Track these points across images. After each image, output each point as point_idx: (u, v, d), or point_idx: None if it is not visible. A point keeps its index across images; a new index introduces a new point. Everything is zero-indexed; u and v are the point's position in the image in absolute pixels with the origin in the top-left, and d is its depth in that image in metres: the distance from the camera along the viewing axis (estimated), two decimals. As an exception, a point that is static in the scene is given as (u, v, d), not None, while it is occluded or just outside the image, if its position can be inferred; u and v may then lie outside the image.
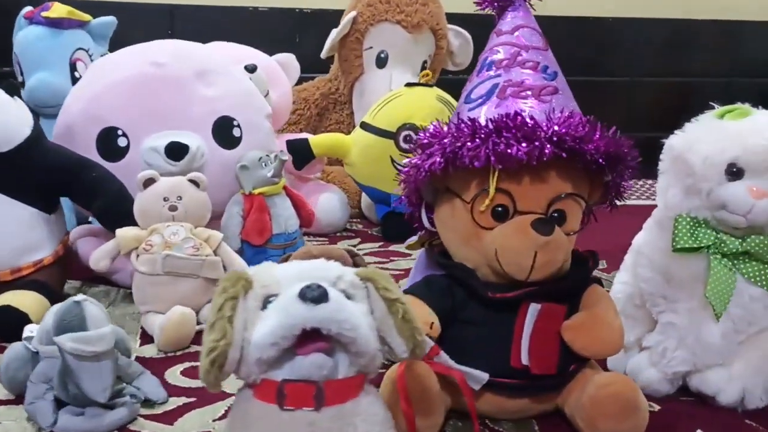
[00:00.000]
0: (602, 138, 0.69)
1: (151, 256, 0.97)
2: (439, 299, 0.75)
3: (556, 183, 0.71)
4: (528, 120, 0.68)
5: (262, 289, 0.53)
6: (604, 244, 1.40)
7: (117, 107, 1.09)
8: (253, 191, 1.12)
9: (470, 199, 0.72)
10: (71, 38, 1.39)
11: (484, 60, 0.78)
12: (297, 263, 0.55)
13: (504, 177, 0.70)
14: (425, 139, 0.73)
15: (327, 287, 0.51)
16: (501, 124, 0.68)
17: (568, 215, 0.73)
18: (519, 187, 0.71)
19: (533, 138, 0.67)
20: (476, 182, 0.72)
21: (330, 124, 1.81)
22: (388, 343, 0.54)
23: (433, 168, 0.71)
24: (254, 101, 1.20)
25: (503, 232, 0.71)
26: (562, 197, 0.71)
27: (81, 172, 1.03)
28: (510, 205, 0.71)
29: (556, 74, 0.75)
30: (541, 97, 0.73)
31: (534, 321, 0.72)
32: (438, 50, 1.74)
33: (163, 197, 1.00)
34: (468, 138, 0.69)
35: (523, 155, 0.67)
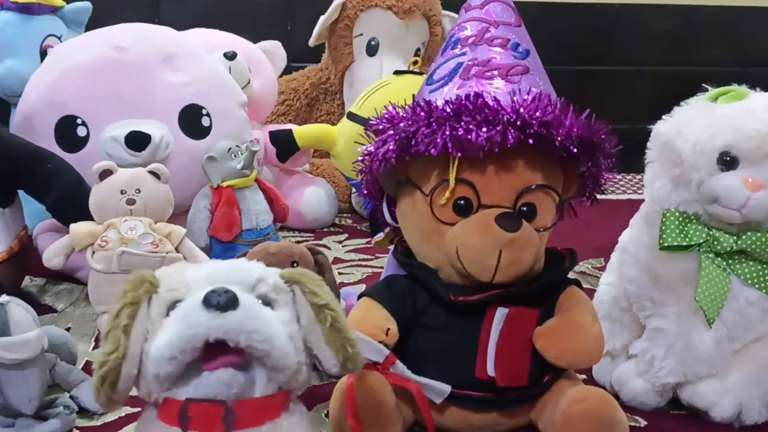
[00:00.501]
0: (574, 123, 0.62)
1: (107, 252, 0.91)
2: (398, 302, 0.68)
3: (524, 173, 0.64)
4: (490, 102, 0.61)
5: (169, 294, 0.46)
6: (601, 240, 1.33)
7: (76, 94, 1.03)
8: (222, 184, 1.05)
9: (429, 191, 0.65)
10: (42, 24, 1.33)
11: (451, 37, 0.71)
12: (212, 264, 0.49)
13: (466, 166, 0.63)
14: (379, 124, 0.66)
15: (238, 292, 0.44)
16: (460, 106, 0.61)
17: (538, 209, 0.65)
18: (483, 178, 0.63)
19: (496, 122, 0.60)
20: (436, 172, 0.65)
21: (320, 115, 1.74)
22: (316, 355, 0.47)
23: (387, 156, 0.64)
24: (226, 88, 1.13)
25: (464, 228, 0.64)
26: (531, 189, 0.64)
27: (35, 163, 0.97)
28: (473, 198, 0.64)
29: (528, 52, 0.68)
30: (509, 77, 0.65)
31: (501, 327, 0.65)
32: (432, 37, 1.67)
33: (120, 190, 0.93)
34: (423, 122, 0.62)
35: (484, 141, 0.60)
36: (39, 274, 1.14)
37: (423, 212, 0.67)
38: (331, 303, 0.47)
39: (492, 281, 0.64)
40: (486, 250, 0.63)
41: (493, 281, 0.64)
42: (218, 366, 0.43)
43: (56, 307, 1.04)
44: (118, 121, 1.03)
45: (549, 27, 1.88)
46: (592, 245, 1.33)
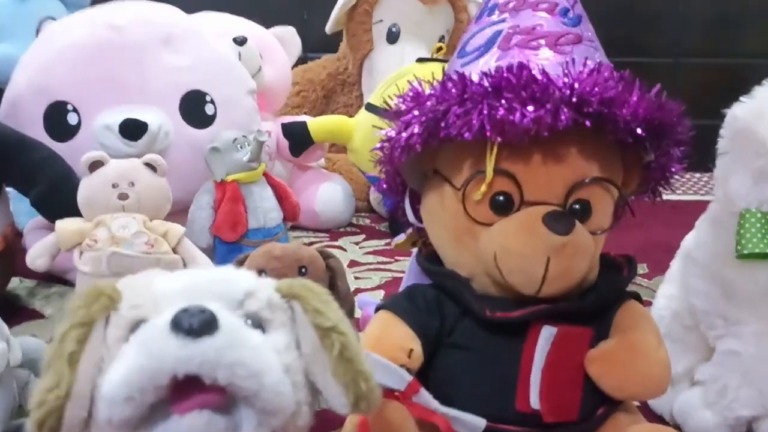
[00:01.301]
0: (641, 100, 0.51)
1: (96, 253, 0.82)
2: (423, 317, 0.57)
3: (577, 163, 0.53)
4: (538, 75, 0.50)
5: (131, 312, 0.36)
6: (643, 242, 1.22)
7: (67, 78, 0.94)
8: (226, 178, 0.95)
9: (461, 184, 0.54)
10: (39, 6, 1.24)
11: (487, 2, 0.60)
12: (190, 273, 0.38)
13: (507, 155, 0.52)
14: (404, 103, 0.56)
15: (217, 310, 0.33)
16: (500, 80, 0.50)
17: (594, 208, 0.54)
18: (527, 169, 0.52)
19: (544, 99, 0.49)
20: (470, 162, 0.54)
21: (337, 107, 1.64)
22: (320, 390, 0.37)
23: (412, 142, 0.53)
24: (233, 73, 1.04)
25: (505, 229, 0.53)
26: (585, 183, 0.53)
27: (20, 153, 0.88)
28: (515, 192, 0.53)
29: (580, 19, 0.57)
30: (558, 47, 0.54)
31: (548, 349, 0.54)
32: (457, 24, 1.56)
33: (112, 183, 0.84)
34: (455, 100, 0.51)
35: (530, 122, 0.49)
36: (29, 275, 1.05)
37: (453, 209, 0.56)
38: (339, 325, 0.37)
39: (537, 294, 0.53)
40: (531, 257, 0.51)
41: (538, 294, 0.53)
42: (191, 408, 0.33)
43: (44, 312, 0.95)
44: (113, 108, 0.94)
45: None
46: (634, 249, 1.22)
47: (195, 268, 0.40)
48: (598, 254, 0.57)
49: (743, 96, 0.60)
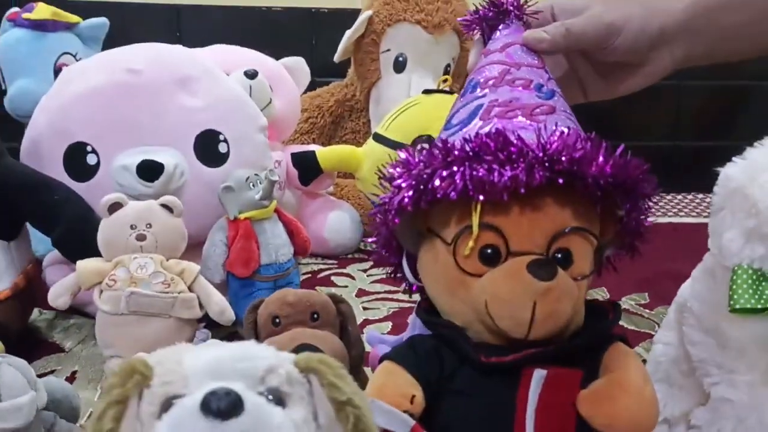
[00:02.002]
0: (607, 159, 0.55)
1: (115, 293, 0.85)
2: (423, 365, 0.60)
3: (557, 215, 0.57)
4: (513, 139, 0.54)
5: (163, 388, 0.39)
6: (644, 271, 1.24)
7: (86, 120, 0.97)
8: (239, 216, 0.98)
9: (451, 239, 0.58)
10: (56, 42, 1.28)
11: (469, 82, 0.64)
12: (213, 349, 0.41)
13: (491, 210, 0.56)
14: (395, 170, 0.59)
15: (242, 390, 0.36)
16: (480, 145, 0.54)
17: (575, 255, 0.58)
18: (511, 222, 0.56)
19: (519, 160, 0.53)
20: (457, 218, 0.58)
21: (345, 133, 1.67)
22: (337, 461, 0.40)
23: (403, 204, 0.57)
24: (245, 111, 1.07)
25: (493, 278, 0.56)
26: (565, 232, 0.57)
27: (41, 193, 0.91)
28: (501, 245, 0.57)
29: (554, 93, 0.62)
30: (533, 116, 0.58)
31: (539, 391, 0.57)
32: (463, 53, 1.59)
33: (130, 225, 0.87)
34: (440, 164, 0.55)
35: (508, 181, 0.53)
36: (48, 306, 1.08)
37: (446, 264, 0.60)
38: (354, 398, 0.40)
39: (527, 338, 0.56)
40: (518, 302, 0.55)
41: (528, 338, 0.56)
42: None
43: (64, 346, 0.98)
44: (130, 149, 0.97)
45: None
46: (635, 277, 1.24)
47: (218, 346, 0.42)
48: (582, 299, 0.60)
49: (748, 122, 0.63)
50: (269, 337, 0.72)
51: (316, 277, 1.29)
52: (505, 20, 0.68)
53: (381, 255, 0.67)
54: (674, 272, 0.73)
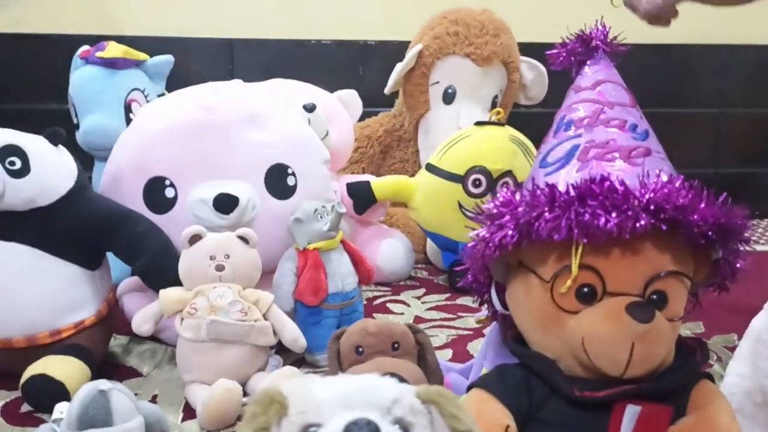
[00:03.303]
0: (710, 207, 0.57)
1: (196, 321, 0.89)
2: (514, 395, 0.63)
3: (654, 258, 0.59)
4: (617, 185, 0.57)
5: (300, 417, 0.43)
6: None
7: (164, 156, 1.02)
8: (308, 246, 1.02)
9: (549, 277, 0.60)
10: (126, 78, 1.34)
11: (561, 119, 0.67)
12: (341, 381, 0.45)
13: (590, 251, 0.59)
14: (495, 208, 0.62)
15: (379, 421, 0.40)
16: (585, 190, 0.57)
17: (670, 297, 0.60)
18: (609, 264, 0.59)
19: (625, 207, 0.56)
20: (556, 257, 0.60)
21: (394, 162, 1.72)
22: (456, 485, 0.43)
23: (505, 242, 0.60)
24: (311, 146, 1.12)
25: (591, 317, 0.59)
26: (662, 276, 0.59)
27: (124, 226, 0.96)
28: (598, 284, 0.59)
29: (647, 134, 0.64)
30: (631, 159, 0.61)
31: (632, 427, 0.59)
32: (510, 84, 1.63)
33: (210, 255, 0.92)
34: (545, 207, 0.58)
35: (614, 227, 0.55)
36: (122, 332, 1.13)
37: (540, 299, 0.63)
38: (473, 429, 0.43)
39: (622, 376, 0.59)
40: (617, 343, 0.57)
41: (623, 376, 0.58)
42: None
43: (141, 370, 1.02)
44: (205, 182, 1.02)
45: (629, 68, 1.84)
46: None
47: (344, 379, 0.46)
48: (674, 340, 0.62)
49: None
50: (352, 365, 0.75)
51: (371, 303, 1.32)
52: (592, 56, 0.70)
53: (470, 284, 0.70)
54: (728, 302, 0.75)
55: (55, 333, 0.94)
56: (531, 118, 1.45)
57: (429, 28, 1.60)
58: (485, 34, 1.55)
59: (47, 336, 0.93)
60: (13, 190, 0.89)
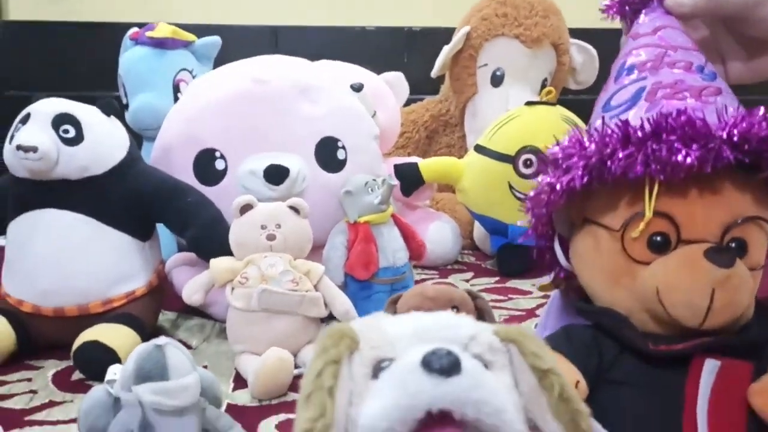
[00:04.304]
0: None
1: (247, 290, 0.88)
2: (582, 355, 0.59)
3: (732, 203, 0.55)
4: (696, 119, 0.53)
5: (372, 351, 0.40)
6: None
7: (215, 127, 1.02)
8: (359, 219, 1.01)
9: (620, 225, 0.57)
10: (175, 59, 1.35)
11: (622, 65, 0.64)
12: (414, 317, 0.43)
13: (663, 197, 0.55)
14: (561, 152, 0.59)
15: (458, 353, 0.38)
16: (661, 124, 0.54)
17: (750, 245, 0.56)
18: (684, 209, 0.55)
19: (707, 140, 0.52)
20: (626, 205, 0.57)
21: (440, 147, 1.70)
22: (538, 427, 0.40)
23: (573, 185, 0.57)
24: (361, 121, 1.10)
25: (667, 265, 0.55)
26: (740, 222, 0.55)
27: (175, 197, 0.96)
28: (672, 232, 0.56)
29: (715, 75, 0.61)
30: (703, 97, 0.58)
31: (712, 382, 0.56)
32: (559, 67, 1.59)
33: (261, 225, 0.91)
34: (619, 144, 0.55)
35: (694, 161, 0.52)
36: (170, 308, 1.13)
37: (610, 252, 0.59)
38: (555, 367, 0.40)
39: (701, 327, 0.55)
40: (696, 290, 0.53)
41: (702, 327, 0.55)
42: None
43: (190, 343, 1.01)
44: (255, 154, 1.01)
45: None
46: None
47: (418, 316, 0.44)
48: (755, 291, 0.58)
49: None
50: (409, 330, 0.73)
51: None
52: (648, 5, 0.67)
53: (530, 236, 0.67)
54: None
55: (107, 302, 0.93)
56: (579, 105, 1.41)
57: (477, 10, 1.57)
58: (535, 15, 1.52)
59: (99, 305, 0.93)
60: (67, 157, 0.89)
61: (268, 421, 0.78)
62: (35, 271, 0.91)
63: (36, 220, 0.91)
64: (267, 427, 0.77)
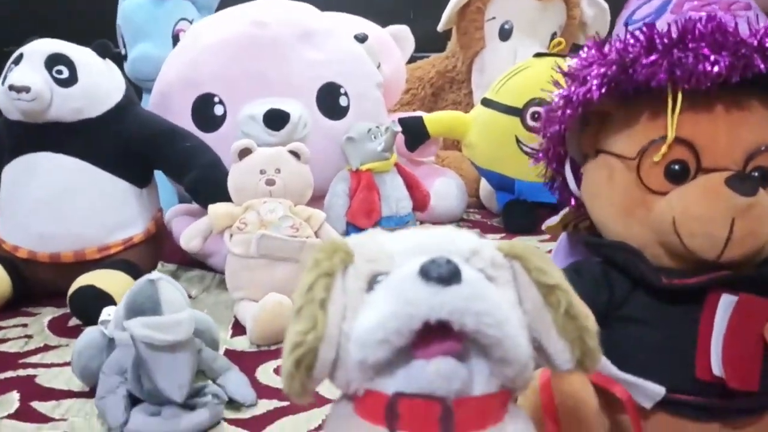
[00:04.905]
0: None
1: (246, 235, 0.86)
2: (592, 290, 0.57)
3: (757, 129, 0.51)
4: (727, 25, 0.50)
5: (368, 265, 0.38)
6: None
7: (214, 72, 0.99)
8: (361, 167, 0.98)
9: (636, 153, 0.54)
10: (174, 8, 1.32)
11: None
12: (413, 232, 0.40)
13: (684, 123, 0.52)
14: (577, 64, 0.56)
15: (459, 263, 0.35)
16: (689, 29, 0.50)
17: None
18: (704, 135, 0.52)
19: (737, 48, 0.49)
20: (642, 131, 0.54)
21: (446, 105, 1.66)
22: (543, 346, 0.38)
23: (590, 97, 0.53)
24: (364, 68, 1.07)
25: (685, 194, 0.52)
26: (763, 150, 0.52)
27: (173, 141, 0.94)
28: (691, 160, 0.52)
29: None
30: (732, 10, 0.54)
31: (728, 317, 0.53)
32: (569, 21, 1.55)
33: (260, 170, 0.88)
34: (642, 50, 0.51)
35: (723, 69, 0.48)
36: (170, 259, 1.11)
37: (624, 182, 0.56)
38: (562, 283, 0.38)
39: (718, 259, 0.52)
40: (715, 219, 0.50)
41: (719, 259, 0.52)
42: (436, 353, 0.35)
43: (190, 292, 0.99)
44: (256, 100, 0.99)
45: None
46: None
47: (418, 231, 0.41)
48: None
49: None
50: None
51: (424, 241, 1.28)
52: None
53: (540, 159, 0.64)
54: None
55: (104, 249, 0.91)
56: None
57: (486, -38, 1.53)
58: (545, -34, 1.47)
59: (95, 251, 0.91)
60: (61, 98, 0.87)
61: (266, 366, 0.76)
62: (30, 216, 0.89)
63: (30, 164, 0.89)
64: (265, 372, 0.75)
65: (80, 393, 0.71)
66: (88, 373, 0.69)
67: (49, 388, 0.72)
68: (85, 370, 0.69)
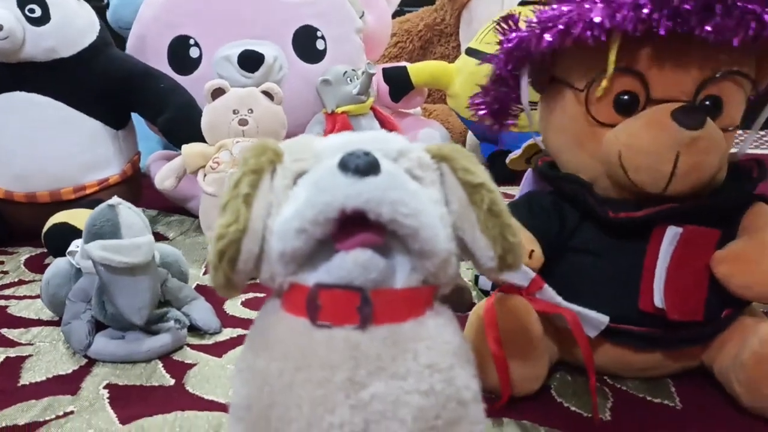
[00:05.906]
0: None
1: (218, 175, 0.86)
2: (541, 221, 0.57)
3: (708, 57, 0.51)
4: None
5: (295, 164, 0.39)
6: None
7: (190, 13, 0.99)
8: (337, 110, 0.98)
9: (584, 85, 0.54)
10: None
11: None
12: (345, 135, 0.41)
13: (632, 53, 0.52)
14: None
15: (379, 157, 0.36)
16: None
17: (725, 103, 0.53)
18: (653, 64, 0.51)
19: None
20: (592, 64, 0.53)
21: (435, 57, 1.65)
22: (468, 245, 0.39)
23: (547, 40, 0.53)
24: (342, 11, 1.06)
25: (631, 127, 0.52)
26: (716, 77, 0.52)
27: (147, 82, 0.94)
28: (641, 91, 0.52)
29: None
30: None
31: (672, 249, 0.53)
32: (559, -29, 1.53)
33: (233, 109, 0.88)
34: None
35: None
36: (151, 206, 1.12)
37: (575, 114, 0.56)
38: (487, 183, 0.38)
39: (664, 192, 0.52)
40: (659, 153, 0.50)
41: (665, 193, 0.52)
42: (354, 245, 0.35)
43: (167, 235, 1.01)
44: (231, 42, 0.98)
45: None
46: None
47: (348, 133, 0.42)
48: (728, 152, 0.55)
49: None
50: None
51: (406, 191, 1.28)
52: None
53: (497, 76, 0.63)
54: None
55: (79, 189, 0.92)
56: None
57: None
58: None
59: (71, 192, 0.92)
60: (34, 37, 0.87)
61: (235, 299, 0.77)
62: (6, 156, 0.90)
63: (5, 104, 0.90)
64: (232, 305, 0.76)
65: (49, 322, 0.72)
66: (57, 301, 0.70)
67: (19, 317, 0.73)
68: (54, 299, 0.70)
